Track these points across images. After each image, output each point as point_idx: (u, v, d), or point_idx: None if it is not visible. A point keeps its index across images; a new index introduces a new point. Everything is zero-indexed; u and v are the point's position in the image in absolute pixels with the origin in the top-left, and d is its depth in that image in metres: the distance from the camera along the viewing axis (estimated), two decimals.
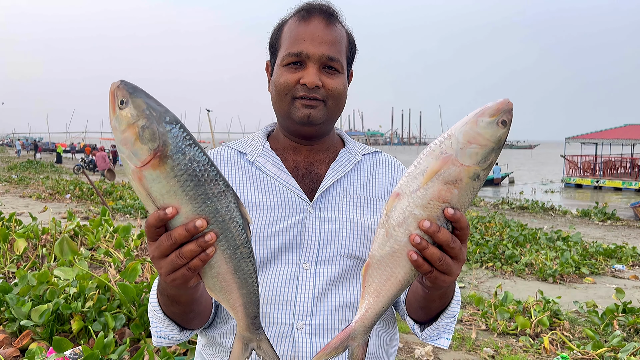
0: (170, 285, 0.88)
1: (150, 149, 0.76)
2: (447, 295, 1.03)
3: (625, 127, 32.19)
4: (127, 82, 0.78)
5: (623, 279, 7.34)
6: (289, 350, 1.09)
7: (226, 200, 0.80)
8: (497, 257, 7.93)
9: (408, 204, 0.83)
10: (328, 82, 1.13)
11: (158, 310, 1.04)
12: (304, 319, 1.10)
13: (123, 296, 3.38)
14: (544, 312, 4.89)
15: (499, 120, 0.81)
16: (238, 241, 0.82)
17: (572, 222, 13.92)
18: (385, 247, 0.85)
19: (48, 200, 13.65)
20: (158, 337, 1.08)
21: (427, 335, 1.11)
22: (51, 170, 26.32)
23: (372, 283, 0.87)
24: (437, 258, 0.82)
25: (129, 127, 0.76)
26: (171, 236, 0.78)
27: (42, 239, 5.55)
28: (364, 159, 1.27)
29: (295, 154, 1.23)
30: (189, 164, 0.77)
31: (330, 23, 1.15)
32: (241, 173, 1.20)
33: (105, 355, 2.80)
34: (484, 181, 0.86)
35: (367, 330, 0.90)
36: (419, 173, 0.83)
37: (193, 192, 0.78)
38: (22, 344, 3.16)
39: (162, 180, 0.77)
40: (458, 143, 0.81)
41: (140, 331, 3.28)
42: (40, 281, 3.59)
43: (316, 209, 1.16)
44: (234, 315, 0.89)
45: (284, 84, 1.14)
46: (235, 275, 0.84)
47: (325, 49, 1.12)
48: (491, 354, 4.24)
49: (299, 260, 1.13)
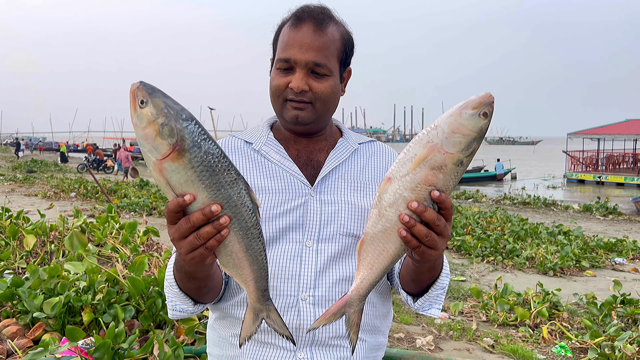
0: (189, 263, 0.98)
1: (170, 144, 0.85)
2: (435, 269, 1.13)
3: (628, 122, 32.18)
4: (146, 83, 0.87)
5: (623, 272, 7.42)
6: (294, 319, 1.20)
7: (238, 187, 0.90)
8: (498, 251, 8.02)
9: (398, 187, 0.92)
10: (315, 86, 1.22)
11: (174, 286, 1.15)
12: (307, 291, 1.21)
13: (132, 289, 3.48)
14: (544, 304, 4.98)
15: (481, 112, 0.90)
16: (249, 223, 0.92)
17: (573, 217, 13.99)
18: (377, 225, 0.95)
19: (53, 199, 13.78)
20: (173, 310, 1.20)
21: (419, 306, 1.22)
22: (55, 170, 26.48)
23: (366, 257, 0.97)
24: (424, 234, 0.93)
25: (149, 124, 0.86)
26: (190, 220, 0.88)
27: (51, 235, 5.66)
28: (360, 148, 1.37)
29: (296, 144, 1.33)
30: (204, 156, 0.87)
31: (319, 29, 1.21)
32: (248, 161, 1.30)
33: (116, 345, 2.90)
34: (467, 167, 0.95)
35: (362, 298, 1.00)
36: (408, 159, 0.92)
37: (208, 181, 0.87)
38: (35, 335, 3.27)
39: (180, 171, 0.86)
40: (443, 133, 0.91)
41: (149, 322, 3.38)
42: (51, 275, 3.69)
43: (317, 193, 1.26)
44: (246, 289, 0.99)
45: (276, 87, 1.24)
46: (247, 253, 0.94)
47: (311, 55, 1.20)
48: (491, 344, 4.33)
49: (302, 238, 1.23)
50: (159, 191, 14.86)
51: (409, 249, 0.96)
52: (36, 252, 5.33)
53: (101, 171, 27.35)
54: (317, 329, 1.05)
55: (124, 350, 2.88)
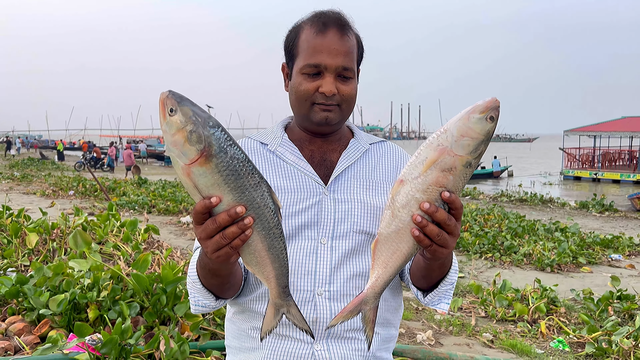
0: (214, 262, 1.03)
1: (198, 150, 0.90)
2: (445, 266, 1.19)
3: (624, 119, 32.30)
4: (175, 92, 0.92)
5: (619, 268, 7.50)
6: (311, 313, 1.25)
7: (261, 190, 0.95)
8: (496, 247, 8.08)
9: (410, 188, 0.97)
10: (343, 89, 1.27)
11: (197, 283, 1.20)
12: (323, 287, 1.26)
13: (137, 286, 3.53)
14: (541, 299, 5.04)
15: (488, 116, 0.96)
16: (271, 223, 0.97)
17: (570, 213, 14.07)
18: (391, 226, 1.00)
19: (52, 197, 13.78)
20: (196, 305, 1.25)
21: (429, 300, 1.27)
22: (52, 168, 26.44)
23: (380, 256, 1.02)
24: (435, 234, 0.98)
25: (178, 131, 0.90)
26: (216, 221, 0.93)
27: (53, 233, 5.69)
28: (372, 148, 1.43)
29: (310, 144, 1.38)
30: (230, 161, 0.92)
31: (344, 34, 1.28)
32: (264, 162, 1.35)
33: (123, 341, 2.94)
34: (475, 168, 1.01)
35: (377, 296, 1.05)
36: (419, 162, 0.97)
37: (234, 184, 0.92)
38: (42, 332, 3.31)
39: (207, 175, 0.91)
40: (452, 136, 0.96)
41: (153, 319, 3.42)
42: (55, 272, 3.73)
43: (331, 192, 1.31)
44: (268, 285, 1.05)
45: (304, 92, 1.27)
46: (269, 252, 0.99)
47: (340, 60, 1.25)
48: (490, 339, 4.39)
49: (317, 236, 1.28)
50: (157, 189, 14.88)
51: (421, 247, 1.01)
52: (38, 250, 5.36)
53: (99, 169, 27.31)
54: (335, 326, 1.10)
55: (130, 346, 2.92)
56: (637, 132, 28.53)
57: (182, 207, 11.56)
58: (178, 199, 12.35)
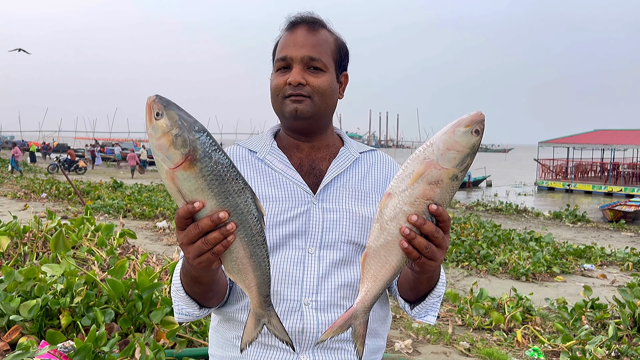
0: (196, 268, 1.01)
1: (182, 154, 0.89)
2: (433, 279, 1.18)
3: (596, 132, 33.15)
4: (162, 96, 0.92)
5: (592, 278, 7.64)
6: (298, 323, 1.23)
7: (244, 196, 0.93)
8: (472, 256, 8.17)
9: (398, 201, 0.97)
10: (312, 80, 1.27)
11: (181, 290, 1.17)
12: (310, 296, 1.24)
13: (112, 291, 3.45)
14: (517, 308, 5.10)
15: (473, 129, 0.96)
16: (254, 230, 0.96)
17: (544, 223, 14.33)
18: (380, 239, 0.99)
19: (24, 200, 13.46)
20: (180, 314, 1.22)
21: (416, 313, 1.26)
22: (25, 170, 25.84)
23: (369, 270, 1.02)
24: (424, 246, 0.97)
25: (163, 135, 0.90)
26: (198, 226, 0.92)
27: (24, 237, 5.54)
28: (362, 157, 1.41)
29: (299, 152, 1.36)
30: (214, 166, 0.91)
31: (313, 29, 1.30)
32: (252, 169, 1.33)
33: (97, 348, 2.87)
34: (462, 180, 1.01)
35: (367, 310, 1.04)
36: (406, 175, 0.97)
37: (217, 190, 0.91)
38: (12, 339, 3.21)
39: (191, 179, 0.90)
40: (439, 150, 0.96)
41: (128, 326, 3.35)
42: (27, 277, 3.62)
43: (319, 201, 1.30)
44: (249, 294, 1.03)
45: (275, 86, 1.29)
46: (251, 259, 0.98)
47: (306, 50, 1.27)
48: (467, 347, 4.42)
49: (304, 245, 1.27)
50: (133, 193, 14.65)
51: (410, 260, 1.01)
52: (9, 253, 5.21)
53: (73, 172, 26.78)
54: (325, 341, 1.09)
55: (104, 354, 2.85)
56: (609, 145, 29.28)
57: (159, 211, 11.40)
58: (154, 203, 12.18)
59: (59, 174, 23.08)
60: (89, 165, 28.80)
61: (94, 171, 28.82)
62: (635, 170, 28.98)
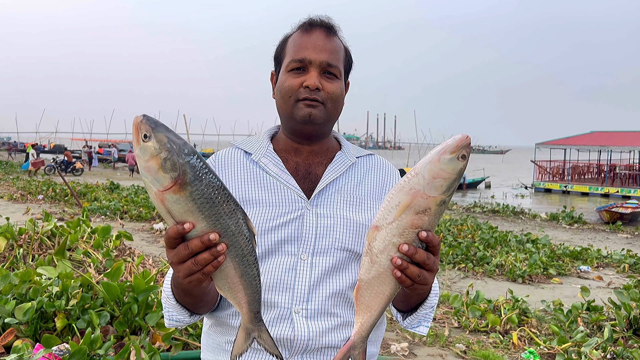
0: (186, 286, 1.01)
1: (172, 177, 0.87)
2: (425, 292, 1.18)
3: (593, 133, 33.25)
4: (149, 117, 0.89)
5: (588, 280, 7.66)
6: (288, 331, 1.22)
7: (236, 217, 0.93)
8: (469, 258, 8.18)
9: (387, 234, 0.97)
10: (327, 86, 1.26)
11: (171, 298, 1.17)
12: (301, 304, 1.23)
13: (107, 295, 3.44)
14: (513, 310, 5.11)
15: (459, 155, 0.95)
16: (245, 250, 0.95)
17: (541, 225, 14.36)
18: (371, 272, 0.99)
19: (20, 201, 13.42)
20: (170, 320, 1.22)
21: (408, 323, 1.25)
22: (21, 171, 25.77)
23: (363, 301, 1.02)
24: (416, 275, 0.98)
25: (152, 157, 0.87)
26: (188, 246, 0.91)
27: (20, 239, 5.53)
28: (359, 161, 1.40)
29: (295, 156, 1.35)
30: (205, 189, 0.89)
31: (330, 34, 1.29)
32: (246, 173, 1.32)
33: (92, 351, 2.86)
34: (449, 203, 1.01)
35: (364, 340, 1.05)
36: (392, 207, 0.96)
37: (208, 212, 0.90)
38: (7, 342, 3.20)
39: (181, 202, 0.89)
40: (424, 179, 0.95)
41: (124, 328, 3.34)
42: (22, 280, 3.61)
43: (313, 206, 1.28)
44: (240, 310, 1.02)
45: (288, 87, 1.27)
46: (242, 278, 0.97)
47: (325, 56, 1.26)
48: (463, 350, 4.42)
49: (297, 251, 1.25)
50: (130, 194, 14.63)
51: (402, 287, 1.01)
52: (4, 256, 5.20)
53: (69, 173, 26.71)
54: None
55: (99, 357, 2.85)
56: (605, 146, 29.36)
57: (155, 213, 11.38)
58: (151, 205, 12.16)
59: (56, 176, 23.02)
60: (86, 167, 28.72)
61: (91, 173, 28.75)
62: (631, 171, 29.06)
